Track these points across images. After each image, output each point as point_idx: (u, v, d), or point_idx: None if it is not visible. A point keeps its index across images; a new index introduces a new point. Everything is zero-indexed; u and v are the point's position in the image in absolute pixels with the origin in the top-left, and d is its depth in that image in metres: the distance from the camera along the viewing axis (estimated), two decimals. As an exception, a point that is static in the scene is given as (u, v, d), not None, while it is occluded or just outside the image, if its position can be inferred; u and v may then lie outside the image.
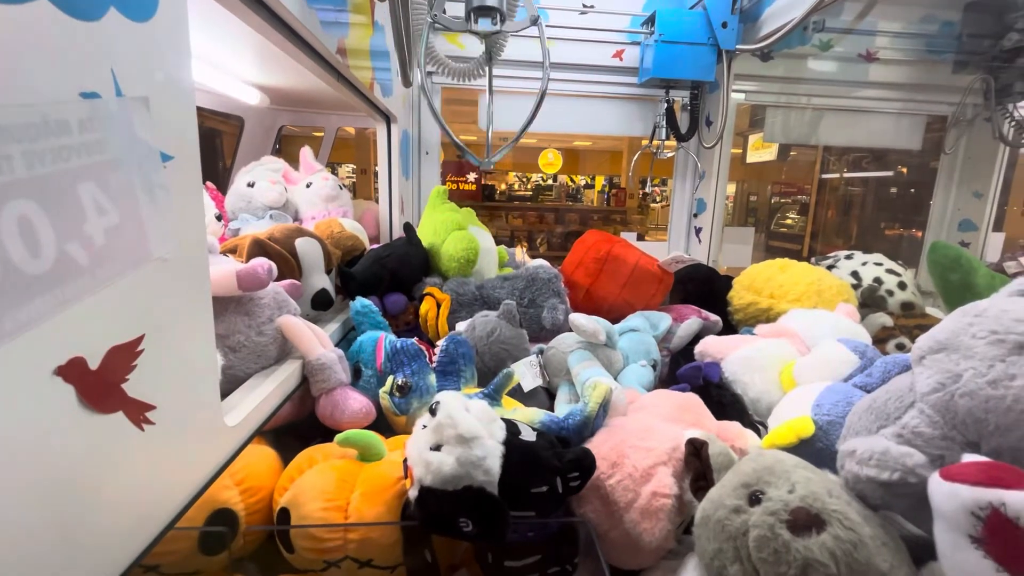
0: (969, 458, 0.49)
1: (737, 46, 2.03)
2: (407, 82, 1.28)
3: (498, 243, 1.83)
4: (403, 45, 1.24)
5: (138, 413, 0.51)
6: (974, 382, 0.57)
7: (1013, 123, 2.27)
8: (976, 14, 2.12)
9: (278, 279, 1.08)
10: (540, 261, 1.61)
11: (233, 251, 1.14)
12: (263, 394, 0.83)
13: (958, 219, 2.66)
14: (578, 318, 1.19)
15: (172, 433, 0.57)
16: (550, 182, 9.16)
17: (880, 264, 1.66)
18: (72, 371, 0.43)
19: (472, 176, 6.66)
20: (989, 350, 0.58)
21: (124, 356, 0.49)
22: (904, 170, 5.13)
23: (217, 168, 2.70)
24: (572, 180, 9.57)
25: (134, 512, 0.53)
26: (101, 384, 0.46)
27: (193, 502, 0.62)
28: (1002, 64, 2.16)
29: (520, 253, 2.12)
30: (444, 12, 1.40)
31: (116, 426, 0.48)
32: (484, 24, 1.36)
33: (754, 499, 0.61)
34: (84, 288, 0.43)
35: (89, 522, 0.46)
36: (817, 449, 0.84)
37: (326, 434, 0.97)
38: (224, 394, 0.79)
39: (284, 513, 0.79)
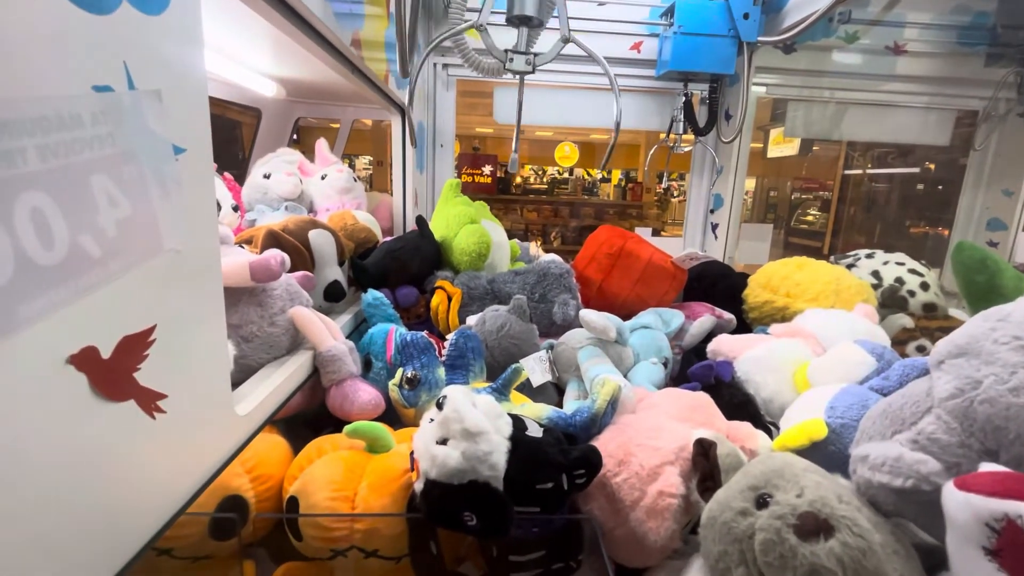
0: (986, 467, 0.48)
1: (759, 38, 1.99)
2: (405, 72, 1.30)
3: (512, 237, 1.81)
4: (403, 35, 1.24)
5: (150, 402, 0.52)
6: (995, 389, 0.56)
7: (1048, 119, 2.18)
8: (1013, 3, 2.04)
9: (291, 270, 1.09)
10: (552, 256, 1.60)
11: (248, 242, 1.15)
12: (274, 384, 0.84)
13: (987, 218, 2.58)
14: (588, 314, 1.18)
15: (183, 422, 0.58)
16: (566, 175, 9.09)
17: (902, 264, 1.62)
18: (84, 360, 0.44)
19: (487, 169, 6.63)
20: (1012, 356, 0.57)
21: (136, 346, 0.49)
22: (931, 166, 4.98)
23: (237, 158, 2.72)
24: (588, 174, 9.50)
25: (146, 497, 0.54)
26: (113, 373, 0.47)
27: (204, 488, 0.64)
28: (1039, 57, 2.08)
29: (534, 248, 2.10)
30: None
31: (128, 414, 0.49)
32: (518, 64, 1.44)
33: (761, 502, 0.60)
34: (96, 279, 0.44)
35: (102, 506, 0.47)
36: (829, 452, 0.83)
37: (336, 424, 0.98)
38: (236, 383, 0.81)
39: (293, 501, 0.81)
